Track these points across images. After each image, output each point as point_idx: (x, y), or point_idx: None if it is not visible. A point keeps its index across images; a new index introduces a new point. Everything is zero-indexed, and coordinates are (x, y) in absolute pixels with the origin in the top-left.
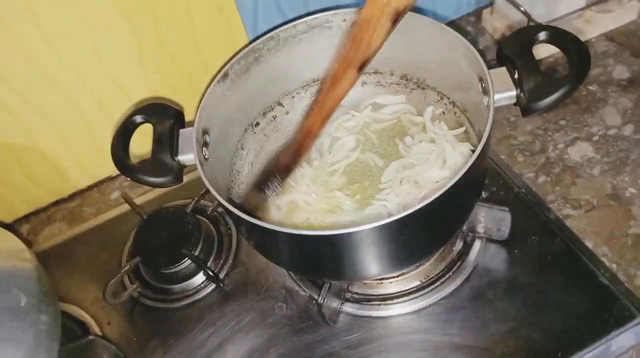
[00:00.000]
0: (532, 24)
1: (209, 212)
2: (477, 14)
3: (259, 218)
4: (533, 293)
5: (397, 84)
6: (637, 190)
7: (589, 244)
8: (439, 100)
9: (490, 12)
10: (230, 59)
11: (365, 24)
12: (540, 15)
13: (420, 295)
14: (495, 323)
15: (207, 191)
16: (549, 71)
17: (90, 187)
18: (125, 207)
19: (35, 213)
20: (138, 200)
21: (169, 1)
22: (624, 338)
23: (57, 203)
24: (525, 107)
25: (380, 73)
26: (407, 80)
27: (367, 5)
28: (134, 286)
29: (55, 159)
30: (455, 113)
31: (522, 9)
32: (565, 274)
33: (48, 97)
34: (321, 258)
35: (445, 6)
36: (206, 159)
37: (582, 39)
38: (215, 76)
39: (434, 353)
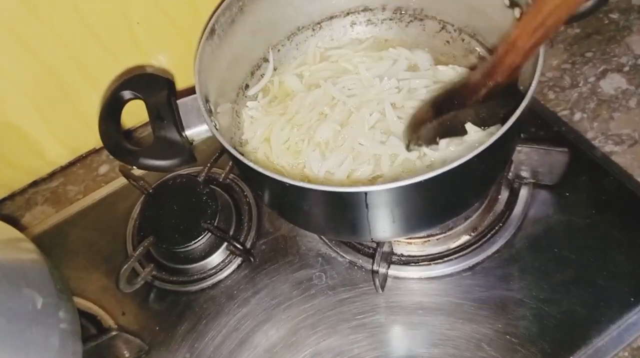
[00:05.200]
0: None
1: (220, 180)
2: None
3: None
4: (592, 236)
5: (391, 19)
6: None
7: (639, 180)
8: (440, 30)
9: None
10: (215, 10)
11: None
12: None
13: (471, 251)
14: (557, 272)
15: (218, 158)
16: None
17: (72, 163)
18: (119, 182)
19: (11, 197)
20: (136, 173)
21: None
22: None
23: (35, 184)
24: None
25: (371, 9)
26: (401, 13)
27: None
28: (148, 269)
29: (28, 132)
30: (463, 39)
31: None
32: (623, 213)
33: (16, 59)
34: (363, 218)
35: None
36: (217, 129)
37: None
38: (203, 31)
39: (500, 311)
